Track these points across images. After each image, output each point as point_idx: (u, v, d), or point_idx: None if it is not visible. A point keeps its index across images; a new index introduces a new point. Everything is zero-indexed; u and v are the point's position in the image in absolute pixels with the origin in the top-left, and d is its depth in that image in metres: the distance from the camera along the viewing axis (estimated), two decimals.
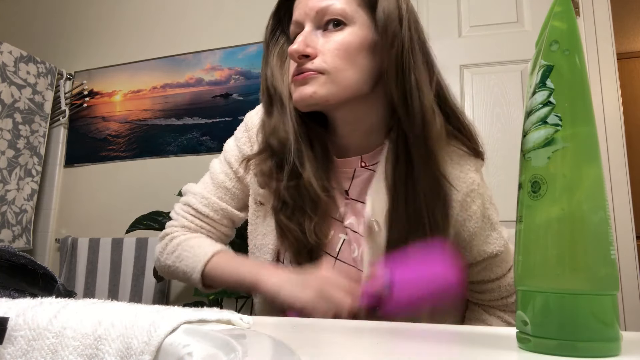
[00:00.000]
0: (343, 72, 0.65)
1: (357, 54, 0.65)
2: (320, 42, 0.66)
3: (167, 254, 0.79)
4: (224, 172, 0.81)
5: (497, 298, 0.74)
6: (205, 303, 1.43)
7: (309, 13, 0.66)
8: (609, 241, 0.34)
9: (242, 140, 0.81)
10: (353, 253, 0.71)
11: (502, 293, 0.73)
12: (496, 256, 0.71)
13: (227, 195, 0.80)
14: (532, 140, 0.37)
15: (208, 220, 0.81)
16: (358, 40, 0.65)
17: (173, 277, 0.81)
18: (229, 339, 0.28)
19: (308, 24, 0.67)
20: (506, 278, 0.73)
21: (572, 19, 0.37)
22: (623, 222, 1.65)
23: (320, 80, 0.65)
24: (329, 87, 0.65)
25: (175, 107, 2.33)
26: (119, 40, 2.53)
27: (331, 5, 0.65)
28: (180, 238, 0.79)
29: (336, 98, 0.66)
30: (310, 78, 0.65)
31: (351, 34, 0.65)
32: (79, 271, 2.21)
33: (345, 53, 0.65)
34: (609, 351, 0.33)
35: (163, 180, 2.22)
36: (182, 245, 0.78)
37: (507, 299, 0.74)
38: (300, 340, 0.40)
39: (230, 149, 0.83)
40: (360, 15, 0.66)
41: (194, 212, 0.81)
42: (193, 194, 0.82)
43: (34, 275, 0.48)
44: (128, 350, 0.29)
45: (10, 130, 2.25)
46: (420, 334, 0.46)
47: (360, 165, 0.72)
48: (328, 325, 0.52)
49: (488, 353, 0.36)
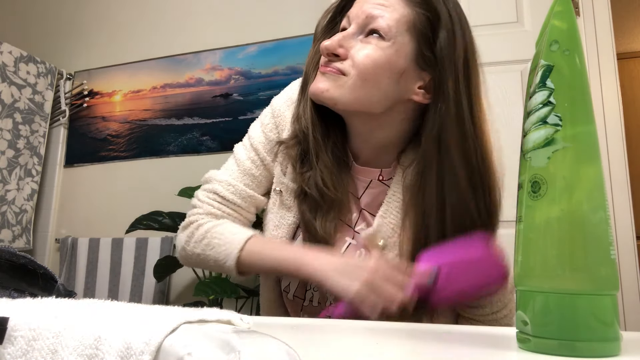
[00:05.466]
0: (361, 84, 0.64)
1: (382, 72, 0.64)
2: (356, 47, 0.65)
3: (194, 243, 0.75)
4: (250, 158, 0.78)
5: (488, 313, 0.75)
6: (205, 303, 1.43)
7: (360, 15, 0.66)
8: (608, 241, 0.34)
9: (269, 127, 0.79)
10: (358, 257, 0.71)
11: (494, 308, 0.74)
12: None
13: (253, 182, 0.78)
14: (532, 140, 0.37)
15: (235, 207, 0.78)
16: (388, 61, 0.64)
17: (201, 265, 0.78)
18: (229, 339, 0.28)
19: (354, 24, 0.66)
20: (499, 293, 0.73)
21: (572, 19, 0.37)
22: (623, 222, 1.64)
23: (339, 81, 0.65)
24: (342, 91, 0.65)
25: (175, 107, 2.33)
26: (119, 40, 2.52)
27: (380, 17, 0.64)
28: (207, 225, 0.75)
29: (344, 105, 0.66)
30: (330, 75, 0.65)
31: (385, 52, 0.64)
32: (79, 271, 2.21)
33: (372, 67, 0.64)
34: (608, 351, 0.33)
35: (163, 180, 2.22)
36: (211, 233, 0.74)
37: (497, 314, 0.74)
38: (301, 340, 0.40)
39: (257, 135, 0.80)
40: (403, 38, 0.65)
41: (220, 199, 0.78)
42: (218, 182, 0.79)
43: (34, 275, 0.48)
44: (128, 350, 0.29)
45: (10, 130, 2.25)
46: (420, 334, 0.46)
47: (377, 178, 0.73)
48: (328, 325, 0.52)
49: (488, 353, 0.36)
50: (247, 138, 0.81)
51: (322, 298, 0.75)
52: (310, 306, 0.75)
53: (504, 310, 0.74)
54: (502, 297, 0.73)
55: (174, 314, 0.33)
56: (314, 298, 0.75)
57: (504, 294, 0.73)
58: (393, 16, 0.64)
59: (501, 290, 0.67)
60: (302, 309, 0.77)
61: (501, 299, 0.73)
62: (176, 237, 0.80)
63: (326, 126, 0.72)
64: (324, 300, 0.74)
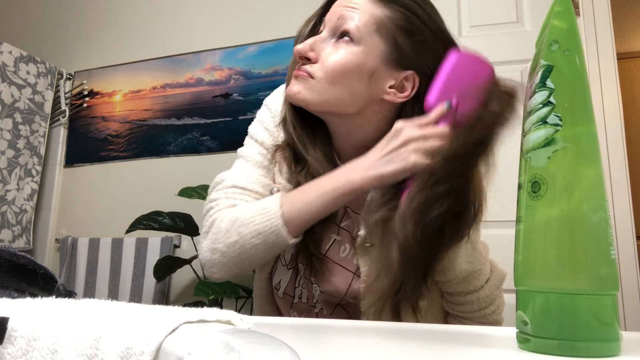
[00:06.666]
0: (329, 86, 0.65)
1: (351, 75, 0.65)
2: (326, 50, 0.67)
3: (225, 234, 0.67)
4: (258, 152, 0.77)
5: (475, 309, 0.76)
6: (205, 303, 1.43)
7: (332, 18, 0.67)
8: (609, 241, 0.34)
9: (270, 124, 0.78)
10: (342, 253, 0.73)
11: (481, 304, 0.75)
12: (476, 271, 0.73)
13: (268, 173, 0.76)
14: (532, 140, 0.37)
15: (257, 195, 0.73)
16: (357, 64, 0.65)
17: (242, 257, 0.67)
18: (229, 339, 0.28)
19: (327, 28, 0.68)
20: (484, 290, 0.75)
21: (572, 19, 0.37)
22: (623, 222, 1.64)
23: (309, 84, 0.66)
24: (312, 93, 0.66)
25: (176, 107, 2.33)
26: (119, 40, 2.53)
27: (350, 19, 0.65)
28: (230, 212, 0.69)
29: (315, 107, 0.67)
30: (301, 78, 0.67)
31: (354, 55, 0.65)
32: (79, 271, 2.21)
33: (340, 69, 0.65)
34: (609, 351, 0.33)
35: (163, 180, 2.22)
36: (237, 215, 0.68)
37: (485, 310, 0.76)
38: (301, 340, 0.40)
39: (259, 132, 0.78)
40: (373, 39, 0.65)
41: (241, 190, 0.73)
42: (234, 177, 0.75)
43: (34, 275, 0.48)
44: (128, 350, 0.29)
45: (10, 130, 2.25)
46: (420, 334, 0.46)
47: None
48: (328, 325, 0.52)
49: (488, 353, 0.36)
50: (250, 137, 0.80)
51: (309, 295, 0.75)
52: (300, 303, 0.77)
53: (492, 306, 0.76)
54: (489, 293, 0.75)
55: (174, 314, 0.33)
56: (302, 295, 0.76)
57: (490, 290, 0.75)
58: (362, 18, 0.65)
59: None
60: (291, 306, 0.78)
61: (488, 295, 0.75)
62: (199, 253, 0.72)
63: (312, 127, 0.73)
64: (312, 297, 0.75)
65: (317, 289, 0.74)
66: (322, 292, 0.73)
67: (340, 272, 0.72)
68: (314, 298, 0.75)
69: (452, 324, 0.79)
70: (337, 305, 0.74)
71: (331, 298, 0.74)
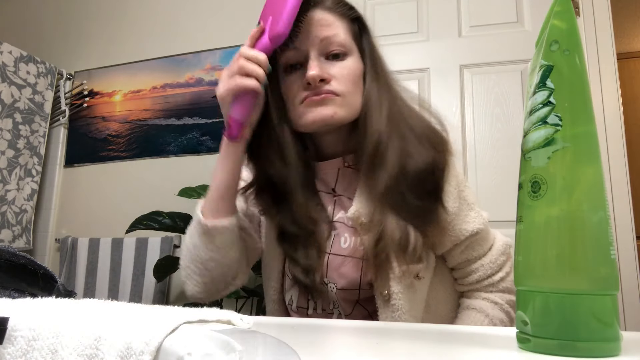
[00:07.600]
0: (353, 96, 0.71)
1: (359, 80, 0.73)
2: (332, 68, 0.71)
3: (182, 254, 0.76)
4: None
5: (482, 277, 0.77)
6: (205, 303, 1.43)
7: (314, 41, 0.70)
8: (608, 241, 0.34)
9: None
10: (343, 244, 0.74)
11: (487, 271, 0.76)
12: (477, 234, 0.74)
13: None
14: (532, 140, 0.37)
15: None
16: (359, 68, 0.73)
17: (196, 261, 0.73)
18: (229, 339, 0.28)
19: (313, 50, 0.71)
20: (488, 256, 0.77)
21: (572, 19, 0.37)
22: (623, 222, 1.64)
23: (337, 101, 0.70)
24: (346, 109, 0.71)
25: (176, 107, 2.33)
26: (119, 40, 2.52)
27: (334, 36, 0.71)
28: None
29: (349, 119, 0.71)
30: (328, 100, 0.69)
31: (354, 63, 0.72)
32: (79, 271, 2.21)
33: (353, 79, 0.72)
34: (609, 351, 0.33)
35: (163, 180, 2.22)
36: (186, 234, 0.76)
37: (493, 277, 0.77)
38: (301, 340, 0.40)
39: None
40: (354, 47, 0.74)
41: None
42: None
43: (34, 275, 0.48)
44: (128, 350, 0.29)
45: (10, 130, 2.25)
46: (420, 334, 0.46)
47: (343, 165, 0.76)
48: (328, 325, 0.52)
49: (488, 353, 0.36)
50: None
51: (325, 303, 0.75)
52: (315, 314, 0.77)
53: (500, 273, 0.77)
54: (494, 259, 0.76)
55: (174, 314, 0.33)
56: (317, 306, 0.76)
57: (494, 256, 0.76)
58: (341, 32, 0.72)
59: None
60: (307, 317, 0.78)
61: (493, 260, 0.76)
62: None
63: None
64: (328, 304, 0.75)
65: (334, 288, 0.73)
66: (340, 290, 0.73)
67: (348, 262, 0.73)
68: (330, 304, 0.75)
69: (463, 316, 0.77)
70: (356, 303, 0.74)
71: (349, 294, 0.73)
